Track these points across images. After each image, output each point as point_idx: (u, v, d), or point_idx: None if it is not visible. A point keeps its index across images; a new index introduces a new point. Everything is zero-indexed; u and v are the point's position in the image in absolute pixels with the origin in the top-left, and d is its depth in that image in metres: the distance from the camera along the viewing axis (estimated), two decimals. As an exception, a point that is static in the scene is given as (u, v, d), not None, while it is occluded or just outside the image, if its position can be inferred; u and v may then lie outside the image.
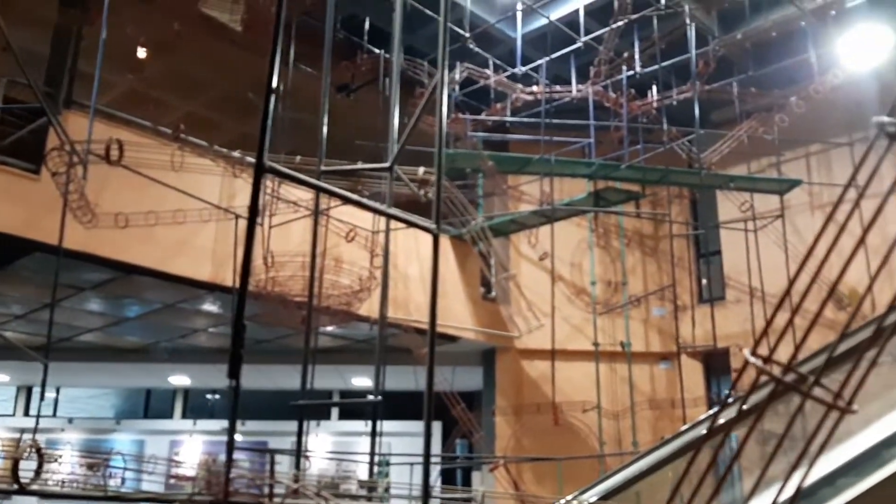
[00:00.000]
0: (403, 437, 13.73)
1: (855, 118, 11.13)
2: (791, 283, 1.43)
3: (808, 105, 10.93)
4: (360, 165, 6.56)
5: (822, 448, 1.41)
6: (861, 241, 1.39)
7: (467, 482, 14.28)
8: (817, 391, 1.50)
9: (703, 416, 6.46)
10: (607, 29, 10.75)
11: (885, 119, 1.27)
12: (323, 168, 4.48)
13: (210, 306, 11.10)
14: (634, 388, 12.64)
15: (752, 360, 1.37)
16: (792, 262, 11.17)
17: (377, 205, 3.05)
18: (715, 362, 12.82)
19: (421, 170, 8.33)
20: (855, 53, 10.14)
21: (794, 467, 1.35)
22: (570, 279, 13.20)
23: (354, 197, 3.08)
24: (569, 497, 4.63)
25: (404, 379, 10.64)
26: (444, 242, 12.02)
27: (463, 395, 12.31)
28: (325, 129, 4.58)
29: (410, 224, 3.38)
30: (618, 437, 12.34)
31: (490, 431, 12.29)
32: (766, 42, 11.21)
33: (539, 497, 10.69)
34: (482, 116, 12.13)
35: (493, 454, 11.78)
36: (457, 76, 11.17)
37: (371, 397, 7.28)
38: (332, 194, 2.99)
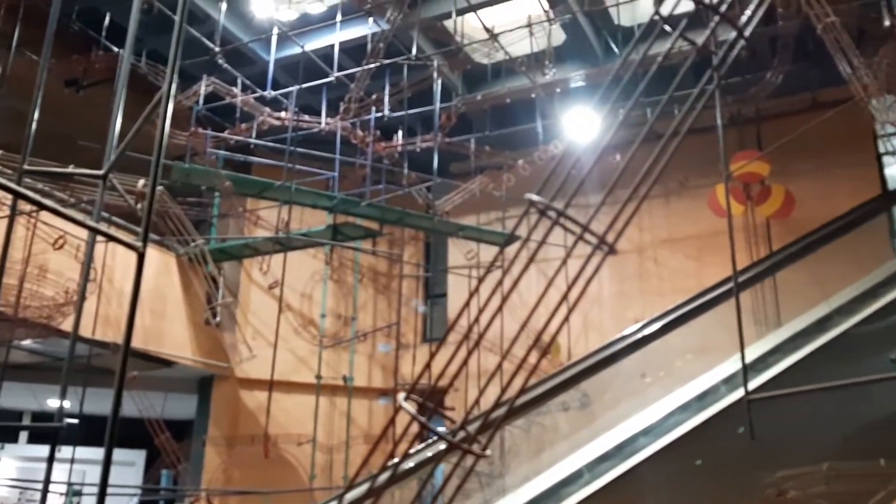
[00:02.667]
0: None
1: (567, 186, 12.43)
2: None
3: (532, 168, 12.00)
4: (70, 169, 6.04)
5: (460, 487, 1.54)
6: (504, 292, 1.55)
7: (170, 515, 13.47)
8: (473, 438, 1.62)
9: (412, 451, 6.73)
10: (360, 69, 11.01)
11: (535, 197, 1.44)
12: (27, 167, 4.06)
13: None
14: (352, 423, 12.79)
15: (405, 405, 1.46)
16: (507, 311, 12.05)
17: (77, 214, 2.84)
18: (431, 400, 13.39)
19: (141, 181, 7.84)
20: (573, 128, 11.34)
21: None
22: (299, 310, 13.12)
23: (49, 203, 2.83)
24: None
25: (110, 403, 9.83)
26: (170, 262, 11.40)
27: (176, 423, 11.65)
28: (34, 125, 4.17)
29: (113, 239, 3.17)
30: (330, 471, 12.37)
31: (199, 462, 11.72)
32: (502, 107, 12.19)
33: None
34: (225, 134, 11.77)
35: (199, 486, 11.24)
36: (201, 89, 10.76)
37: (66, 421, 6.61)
38: (19, 196, 2.73)
